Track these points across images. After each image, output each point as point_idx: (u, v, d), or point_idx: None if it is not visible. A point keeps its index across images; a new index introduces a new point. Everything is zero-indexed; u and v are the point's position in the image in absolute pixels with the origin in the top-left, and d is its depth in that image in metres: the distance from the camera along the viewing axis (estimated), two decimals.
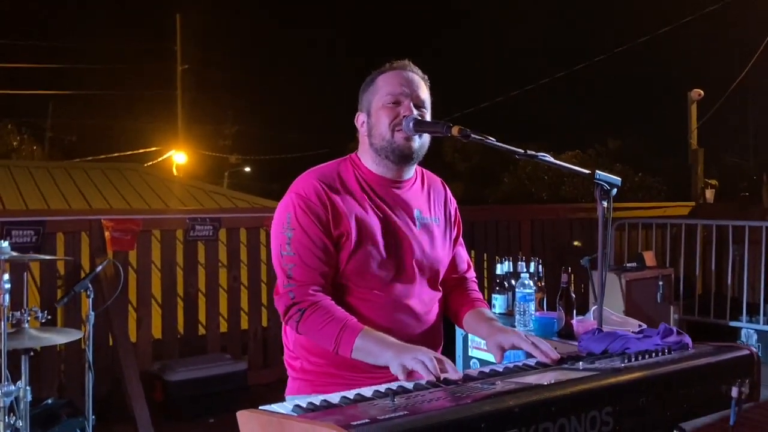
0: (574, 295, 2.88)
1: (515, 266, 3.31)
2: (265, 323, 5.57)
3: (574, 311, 2.87)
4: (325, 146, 25.20)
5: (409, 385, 1.66)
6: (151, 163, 23.37)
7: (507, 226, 6.53)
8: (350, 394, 1.60)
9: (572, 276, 2.96)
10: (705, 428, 3.35)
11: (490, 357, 3.23)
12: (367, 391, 1.62)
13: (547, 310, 3.19)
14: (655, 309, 5.45)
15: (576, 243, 6.82)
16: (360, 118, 2.06)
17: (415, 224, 2.03)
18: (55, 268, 4.65)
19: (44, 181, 9.81)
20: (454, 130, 1.88)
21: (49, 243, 4.55)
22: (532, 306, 3.04)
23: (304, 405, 1.51)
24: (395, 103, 1.97)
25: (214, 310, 5.30)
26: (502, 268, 3.29)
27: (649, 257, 5.64)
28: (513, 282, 3.26)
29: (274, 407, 1.51)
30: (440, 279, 2.11)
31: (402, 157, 1.99)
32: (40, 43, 25.94)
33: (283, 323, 2.00)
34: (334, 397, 1.57)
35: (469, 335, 3.28)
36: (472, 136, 1.89)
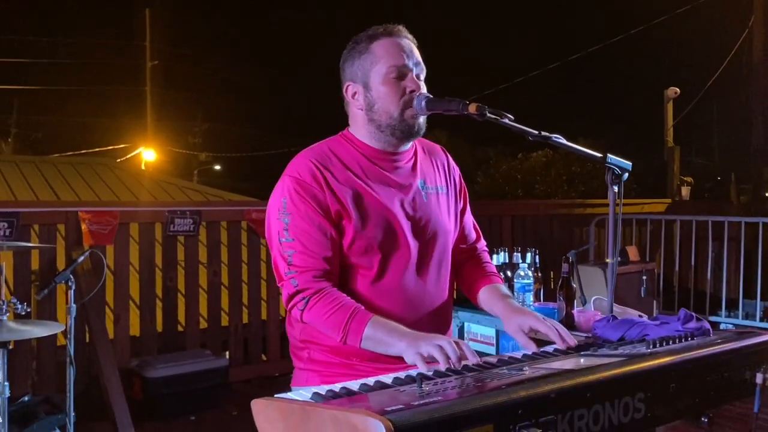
0: (575, 286, 2.83)
1: (510, 257, 3.25)
2: (245, 319, 5.46)
3: (575, 302, 2.82)
4: (295, 144, 25.13)
5: (430, 372, 1.58)
6: (119, 159, 22.97)
7: (489, 222, 6.49)
8: (370, 381, 1.52)
9: (574, 266, 2.91)
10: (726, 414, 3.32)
11: (486, 348, 3.18)
12: (387, 379, 1.54)
13: (543, 301, 3.14)
14: (639, 303, 5.44)
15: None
16: (351, 90, 1.92)
17: (420, 195, 1.93)
18: (29, 260, 4.49)
19: (12, 175, 9.53)
20: (472, 108, 1.80)
21: (23, 235, 4.39)
22: (530, 296, 2.99)
23: (323, 393, 1.42)
24: (399, 76, 1.87)
25: (193, 306, 5.17)
26: (498, 258, 3.23)
27: (633, 252, 5.64)
28: (509, 273, 3.20)
29: (290, 395, 1.43)
30: (450, 250, 2.01)
31: (409, 134, 1.90)
32: (4, 37, 25.34)
33: (288, 314, 1.91)
34: (354, 385, 1.49)
35: (465, 324, 3.22)
36: (488, 114, 1.82)
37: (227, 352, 5.40)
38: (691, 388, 1.57)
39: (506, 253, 3.24)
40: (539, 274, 3.12)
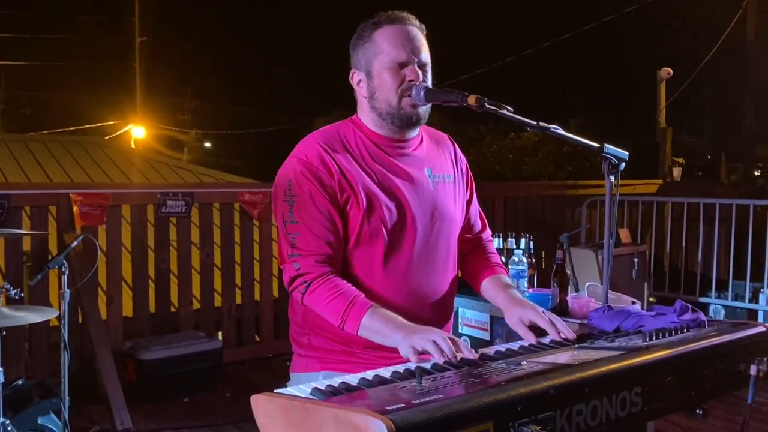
0: (569, 272, 2.84)
1: (505, 242, 3.26)
2: (239, 300, 5.47)
3: (569, 288, 2.83)
4: (286, 122, 24.96)
5: (428, 366, 1.59)
6: (109, 137, 22.81)
7: (482, 204, 6.45)
8: (368, 375, 1.52)
9: (568, 252, 2.92)
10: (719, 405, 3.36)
11: (480, 334, 3.20)
12: (385, 372, 1.55)
13: (537, 287, 3.15)
14: (630, 285, 5.48)
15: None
16: (356, 77, 1.93)
17: (426, 183, 1.93)
18: (20, 244, 4.47)
19: (2, 154, 9.44)
20: (471, 99, 1.79)
21: (14, 218, 4.36)
22: (525, 282, 3.00)
23: (322, 387, 1.43)
24: (400, 66, 1.86)
25: (186, 287, 5.17)
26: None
27: (625, 234, 5.66)
28: (503, 258, 3.20)
29: (291, 390, 1.43)
30: (455, 239, 2.02)
31: (408, 123, 1.90)
32: None
33: (290, 298, 1.90)
34: (353, 379, 1.49)
35: (459, 310, 3.23)
36: (487, 105, 1.81)
37: (220, 333, 5.42)
38: (687, 381, 1.59)
39: (500, 239, 3.24)
40: (533, 260, 3.13)
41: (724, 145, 16.12)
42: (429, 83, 1.88)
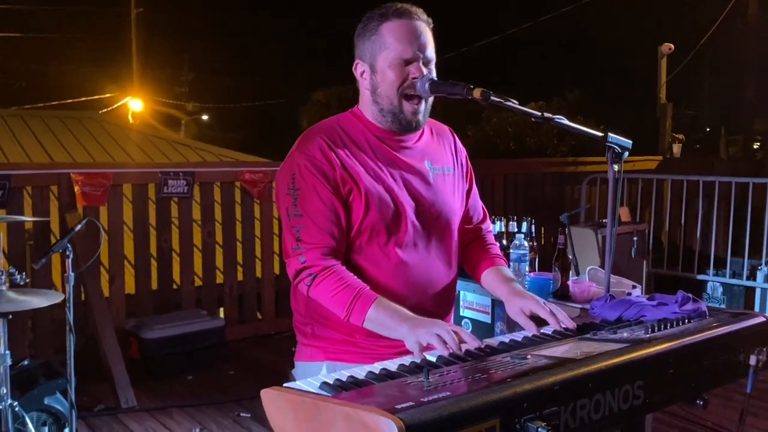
0: (570, 257, 2.87)
1: (507, 226, 3.28)
2: (240, 277, 5.50)
3: (570, 272, 2.86)
4: (285, 95, 24.81)
5: (433, 358, 1.62)
6: (106, 109, 22.68)
7: (481, 182, 6.48)
8: (375, 369, 1.55)
9: (569, 236, 2.95)
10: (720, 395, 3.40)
11: (481, 317, 3.23)
12: (392, 365, 1.57)
13: (538, 269, 3.18)
14: (629, 264, 5.52)
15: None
16: (360, 68, 1.93)
17: (427, 176, 1.95)
18: (22, 225, 4.48)
19: (0, 131, 9.42)
20: (476, 93, 1.80)
21: (16, 198, 4.37)
22: (526, 266, 3.03)
23: (331, 382, 1.45)
24: (405, 62, 1.86)
25: (188, 265, 5.20)
26: (494, 228, 3.25)
27: (624, 213, 5.68)
28: (504, 242, 3.23)
29: (300, 384, 1.46)
30: (455, 231, 2.04)
31: (407, 127, 1.91)
32: None
33: (293, 287, 1.93)
34: (360, 372, 1.52)
35: (461, 293, 3.26)
36: (492, 98, 1.82)
37: (222, 309, 5.46)
38: (688, 372, 1.62)
39: (502, 222, 3.27)
40: (534, 244, 3.16)
41: (723, 119, 16.10)
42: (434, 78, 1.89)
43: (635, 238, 5.49)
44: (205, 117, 30.04)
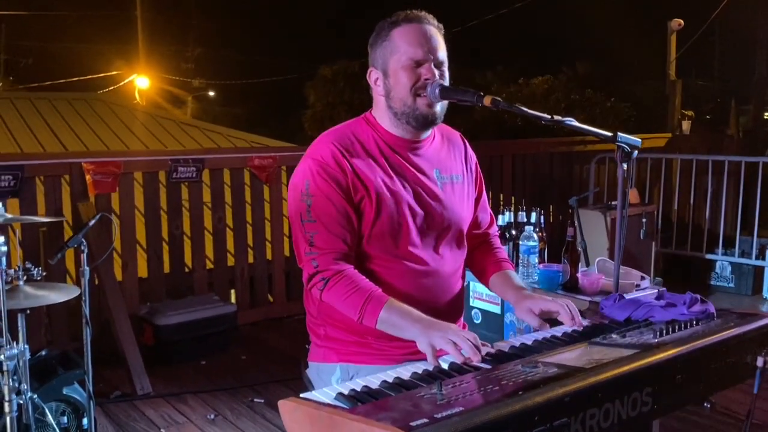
0: (579, 249, 2.89)
1: (515, 216, 3.30)
2: (251, 260, 5.55)
3: (579, 264, 2.88)
4: (294, 71, 24.69)
5: (445, 364, 1.65)
6: (112, 87, 22.69)
7: (489, 162, 6.51)
8: (389, 377, 1.58)
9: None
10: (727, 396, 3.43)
11: (491, 307, 3.27)
12: (405, 373, 1.61)
13: (548, 258, 3.20)
14: (638, 245, 5.54)
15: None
16: (373, 75, 1.97)
17: (436, 184, 1.98)
18: (36, 214, 4.52)
19: (10, 115, 9.45)
20: (486, 101, 1.83)
21: (29, 187, 4.42)
22: (535, 258, 3.05)
23: (346, 392, 1.49)
24: (416, 65, 1.89)
25: (199, 248, 5.25)
26: (503, 219, 3.27)
27: (633, 195, 5.68)
28: (513, 232, 3.25)
29: (316, 395, 1.49)
30: (464, 238, 2.08)
31: (424, 123, 1.95)
32: None
33: (306, 290, 1.97)
34: (374, 381, 1.56)
35: (470, 284, 3.29)
36: (502, 105, 1.85)
37: (233, 292, 5.52)
38: (696, 376, 1.65)
39: (511, 213, 3.28)
40: (544, 234, 3.18)
41: (733, 92, 15.97)
42: (446, 82, 1.91)
43: (644, 220, 5.49)
44: (211, 93, 29.99)
